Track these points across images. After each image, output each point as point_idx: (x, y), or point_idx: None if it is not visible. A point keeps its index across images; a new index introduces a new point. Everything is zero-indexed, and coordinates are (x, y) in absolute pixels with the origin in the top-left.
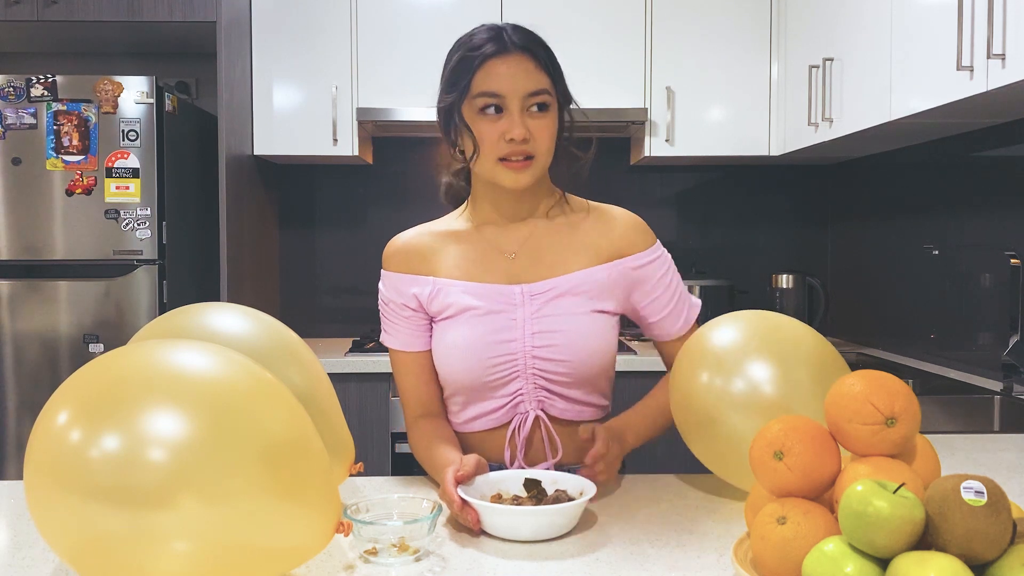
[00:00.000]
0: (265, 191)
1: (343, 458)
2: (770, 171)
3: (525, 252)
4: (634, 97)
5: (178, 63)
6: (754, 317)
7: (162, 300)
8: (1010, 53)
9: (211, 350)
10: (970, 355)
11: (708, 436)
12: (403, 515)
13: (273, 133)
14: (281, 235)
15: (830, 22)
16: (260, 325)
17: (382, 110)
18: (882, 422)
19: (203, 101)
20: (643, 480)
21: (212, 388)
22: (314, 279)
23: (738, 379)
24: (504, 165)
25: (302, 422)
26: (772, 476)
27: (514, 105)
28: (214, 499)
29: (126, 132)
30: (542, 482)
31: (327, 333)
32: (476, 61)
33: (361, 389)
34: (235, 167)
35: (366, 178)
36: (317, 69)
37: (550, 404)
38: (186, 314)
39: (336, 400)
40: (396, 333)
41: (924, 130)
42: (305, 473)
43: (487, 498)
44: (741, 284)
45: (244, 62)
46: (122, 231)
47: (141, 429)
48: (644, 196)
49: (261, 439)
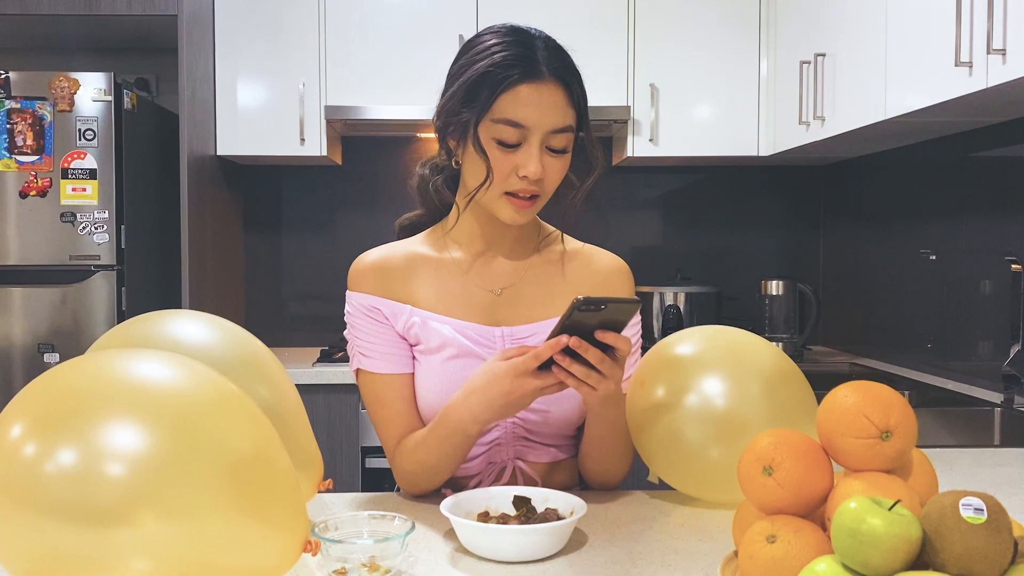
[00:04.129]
0: (229, 193)
1: (311, 474)
2: (759, 172)
3: (510, 291)
4: (616, 95)
5: (137, 59)
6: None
7: (121, 307)
8: (1011, 48)
9: (172, 360)
10: (969, 365)
11: (665, 452)
12: (374, 533)
13: (237, 132)
14: (246, 239)
15: (822, 15)
16: (224, 334)
17: (351, 108)
18: (877, 436)
19: (164, 99)
20: (628, 497)
21: (173, 400)
22: (280, 285)
23: (691, 394)
24: (509, 200)
25: (268, 436)
26: (761, 492)
27: (535, 139)
28: (175, 516)
29: (83, 131)
30: (532, 499)
31: (294, 342)
32: (504, 82)
33: (330, 401)
34: (197, 168)
35: (335, 179)
36: (283, 65)
37: (527, 451)
38: (146, 322)
39: (304, 413)
40: (380, 355)
41: (920, 129)
42: (271, 489)
43: (473, 515)
44: (728, 291)
45: (207, 57)
46: (79, 235)
47: (99, 443)
48: (626, 198)
49: (225, 454)
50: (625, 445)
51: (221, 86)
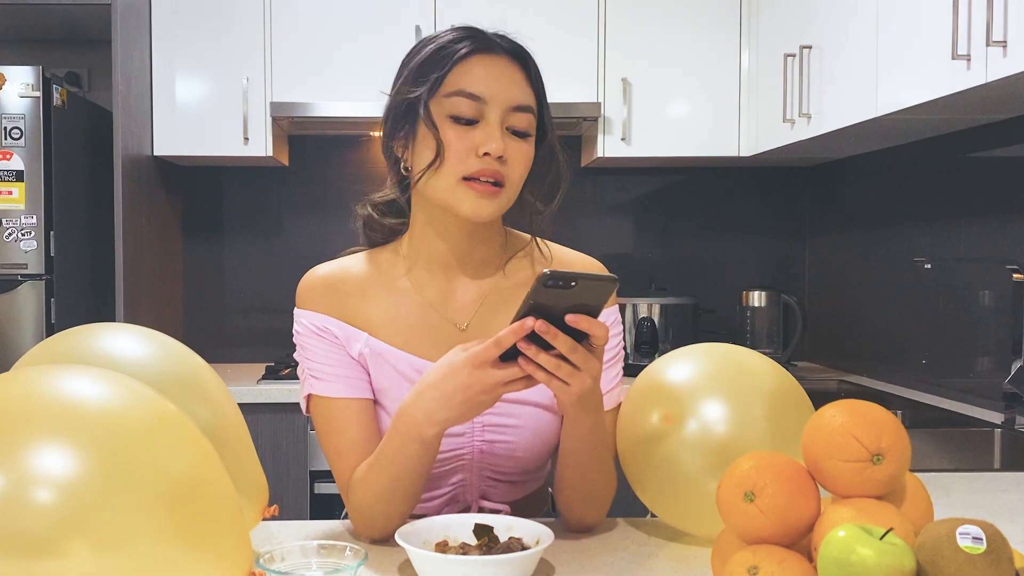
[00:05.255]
0: (167, 197)
1: (255, 500)
2: (740, 174)
3: (477, 324)
4: (585, 90)
5: (68, 51)
6: (709, 351)
7: (50, 320)
8: (1012, 39)
9: (105, 377)
10: (967, 383)
11: (658, 480)
12: (323, 565)
13: (176, 131)
14: (185, 247)
15: (808, 4)
16: (161, 349)
17: (299, 104)
18: (867, 459)
19: (96, 94)
20: (603, 525)
21: (106, 421)
22: (222, 296)
23: (691, 419)
24: (468, 185)
25: (208, 459)
26: (742, 520)
27: (494, 115)
28: (109, 546)
29: (9, 130)
30: (494, 528)
31: (237, 358)
32: (455, 55)
33: (276, 421)
34: (133, 169)
35: (281, 182)
36: (225, 58)
37: (494, 491)
38: (77, 336)
39: (247, 434)
40: (334, 377)
41: (915, 127)
42: (212, 517)
43: (431, 545)
44: (707, 302)
45: (143, 50)
46: (4, 242)
47: (25, 467)
48: (596, 203)
49: (162, 479)
50: (607, 463)
51: (158, 81)
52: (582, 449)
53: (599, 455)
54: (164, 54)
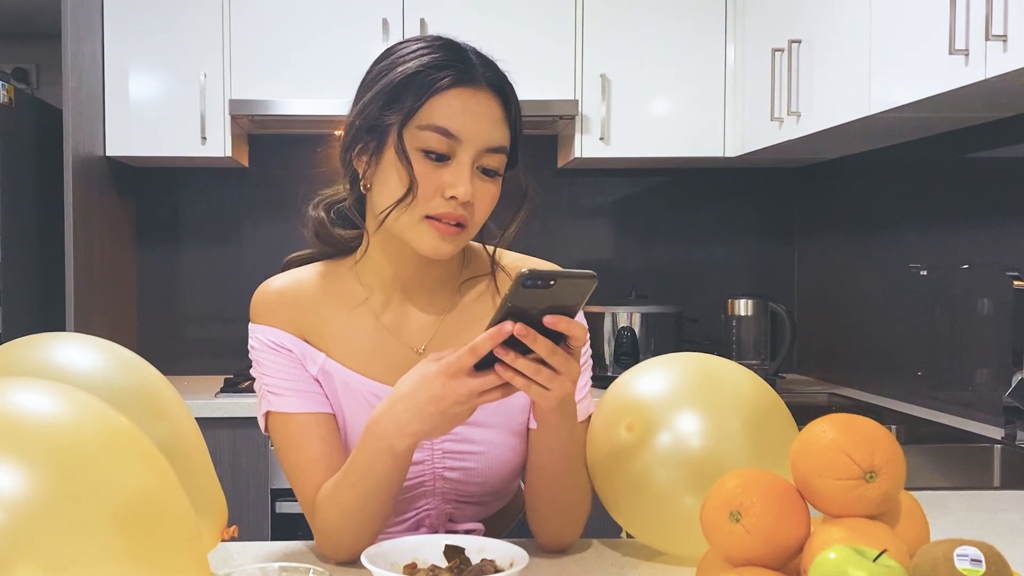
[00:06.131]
0: (120, 200)
1: (213, 520)
2: (725, 175)
3: (435, 347)
4: (562, 87)
5: (15, 46)
6: (680, 360)
7: None
8: (1013, 34)
9: (54, 390)
10: (965, 396)
11: (631, 498)
12: None
13: (129, 130)
14: (139, 252)
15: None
16: (114, 360)
17: (259, 102)
18: (859, 476)
19: (45, 91)
20: (575, 547)
21: (56, 436)
22: (179, 305)
23: (663, 432)
24: (430, 224)
25: (164, 477)
26: (728, 541)
27: (466, 155)
28: (57, 569)
29: None
30: (466, 550)
31: (194, 370)
32: (435, 83)
33: (235, 437)
34: (84, 170)
35: (241, 184)
36: (182, 53)
37: (460, 514)
38: (25, 346)
39: (205, 450)
40: (292, 391)
41: (910, 126)
42: (167, 538)
43: (399, 567)
44: (691, 311)
45: (94, 44)
46: None
47: None
48: (573, 206)
49: (114, 497)
50: (583, 475)
51: (111, 77)
52: (559, 460)
53: (575, 466)
54: (117, 49)
